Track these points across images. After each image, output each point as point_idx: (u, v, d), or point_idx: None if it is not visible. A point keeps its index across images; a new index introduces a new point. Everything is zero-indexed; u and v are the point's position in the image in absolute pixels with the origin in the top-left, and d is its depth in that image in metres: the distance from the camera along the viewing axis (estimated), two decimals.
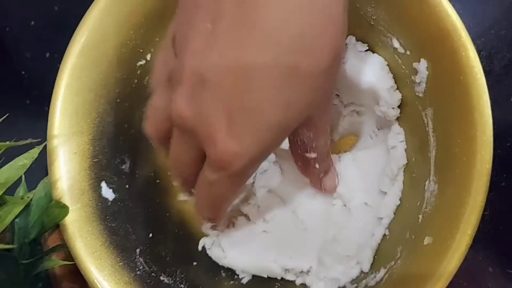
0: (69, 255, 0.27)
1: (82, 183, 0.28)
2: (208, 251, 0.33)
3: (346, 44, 0.31)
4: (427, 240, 0.24)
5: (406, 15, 0.25)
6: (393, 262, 0.27)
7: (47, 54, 0.40)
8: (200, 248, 0.33)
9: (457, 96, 0.24)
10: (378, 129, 0.32)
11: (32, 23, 0.41)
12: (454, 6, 0.34)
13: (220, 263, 0.32)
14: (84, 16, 0.28)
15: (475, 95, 0.23)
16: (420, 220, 0.26)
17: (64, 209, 0.26)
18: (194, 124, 0.18)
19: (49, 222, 0.27)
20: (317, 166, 0.27)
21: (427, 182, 0.26)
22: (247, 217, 0.33)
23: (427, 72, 0.26)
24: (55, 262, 0.29)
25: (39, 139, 0.25)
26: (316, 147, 0.25)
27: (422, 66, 0.26)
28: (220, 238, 0.32)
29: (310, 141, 0.24)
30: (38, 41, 0.41)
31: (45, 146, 0.27)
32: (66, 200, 0.27)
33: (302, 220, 0.32)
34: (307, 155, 0.26)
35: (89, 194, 0.28)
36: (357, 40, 0.30)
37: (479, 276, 0.32)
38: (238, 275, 0.32)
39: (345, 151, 0.33)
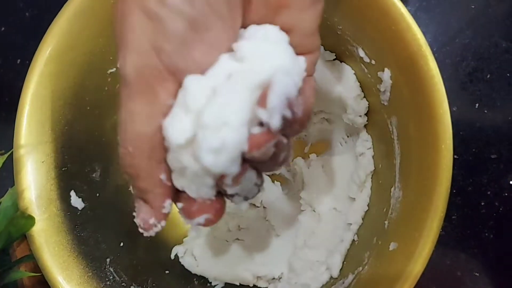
0: (38, 265, 0.27)
1: (50, 192, 0.27)
2: (180, 260, 0.32)
3: None
4: (392, 246, 0.25)
5: (368, 26, 0.26)
6: (360, 268, 0.27)
7: (18, 61, 0.40)
8: (172, 256, 0.33)
9: (418, 104, 0.24)
10: (348, 136, 0.32)
11: (3, 29, 0.41)
12: (420, 16, 0.35)
13: (193, 271, 0.32)
14: (51, 24, 0.28)
15: (435, 104, 0.23)
16: (386, 226, 0.26)
17: (30, 220, 0.26)
18: None
19: (15, 232, 0.27)
20: None
21: (392, 189, 0.27)
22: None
23: (390, 81, 0.26)
24: (23, 274, 0.28)
25: (3, 151, 0.25)
26: None
27: (386, 75, 0.26)
28: (192, 246, 0.32)
29: None
30: (9, 47, 0.40)
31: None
32: (34, 210, 0.27)
33: (274, 226, 0.32)
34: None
35: (58, 204, 0.28)
36: (326, 49, 0.31)
37: (448, 280, 0.33)
38: (210, 283, 0.32)
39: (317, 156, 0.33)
